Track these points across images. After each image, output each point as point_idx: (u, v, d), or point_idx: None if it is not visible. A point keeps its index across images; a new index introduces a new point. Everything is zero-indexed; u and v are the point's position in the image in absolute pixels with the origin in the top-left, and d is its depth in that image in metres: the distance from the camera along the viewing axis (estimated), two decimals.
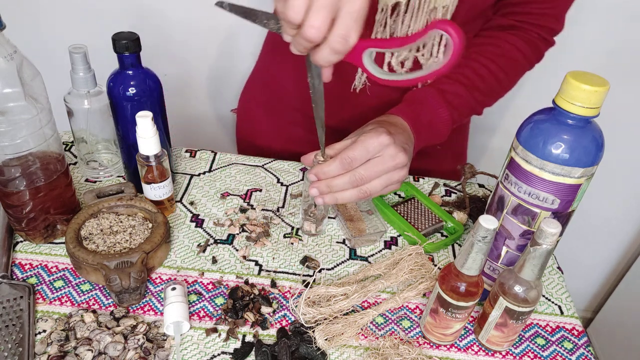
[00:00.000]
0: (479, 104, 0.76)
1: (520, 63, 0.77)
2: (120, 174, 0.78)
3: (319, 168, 0.62)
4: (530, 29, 0.75)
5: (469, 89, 0.73)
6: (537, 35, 0.76)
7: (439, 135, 0.73)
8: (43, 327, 0.56)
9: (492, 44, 0.76)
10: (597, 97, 0.46)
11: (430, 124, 0.71)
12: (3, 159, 0.57)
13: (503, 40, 0.75)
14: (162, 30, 1.12)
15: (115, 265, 0.58)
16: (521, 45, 0.75)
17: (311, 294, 0.60)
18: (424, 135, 0.70)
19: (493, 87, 0.76)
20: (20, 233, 0.65)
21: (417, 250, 0.67)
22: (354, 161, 0.60)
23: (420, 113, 0.70)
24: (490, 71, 0.74)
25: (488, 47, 0.75)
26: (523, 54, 0.76)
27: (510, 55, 0.75)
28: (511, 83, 0.78)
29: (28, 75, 0.55)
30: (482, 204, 0.78)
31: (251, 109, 0.96)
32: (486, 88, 0.75)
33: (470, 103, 0.74)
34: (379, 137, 0.60)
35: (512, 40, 0.75)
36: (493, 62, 0.74)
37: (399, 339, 0.59)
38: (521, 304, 0.53)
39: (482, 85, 0.74)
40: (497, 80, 0.75)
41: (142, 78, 0.66)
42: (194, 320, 0.59)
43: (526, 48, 0.76)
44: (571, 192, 0.50)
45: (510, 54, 0.75)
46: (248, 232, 0.70)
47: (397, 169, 0.62)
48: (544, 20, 0.75)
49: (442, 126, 0.72)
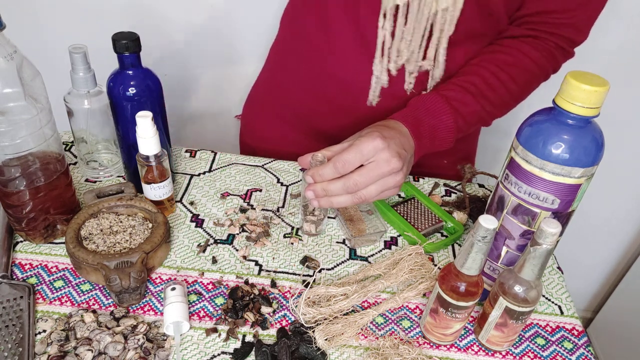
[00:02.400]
0: (488, 114, 0.73)
1: (533, 73, 0.74)
2: (120, 174, 0.78)
3: (314, 170, 0.62)
4: (547, 38, 0.72)
5: (476, 97, 0.71)
6: (554, 45, 0.73)
7: (444, 141, 0.71)
8: (43, 327, 0.56)
9: (504, 52, 0.73)
10: (597, 97, 0.46)
11: (432, 130, 0.69)
12: (3, 159, 0.57)
13: (516, 49, 0.72)
14: (162, 30, 1.12)
15: (115, 265, 0.58)
16: (535, 55, 0.72)
17: (311, 294, 0.60)
18: (426, 140, 0.69)
19: (503, 97, 0.73)
20: (20, 233, 0.65)
21: (417, 250, 0.67)
22: (347, 164, 0.60)
23: (422, 118, 0.69)
24: (501, 81, 0.71)
25: (499, 55, 0.73)
26: (536, 63, 0.73)
27: (523, 65, 0.72)
28: (523, 94, 0.76)
29: (28, 75, 0.55)
30: (482, 204, 0.78)
31: (257, 116, 0.94)
32: (496, 98, 0.72)
33: (477, 111, 0.72)
34: (373, 141, 0.60)
35: (526, 49, 0.72)
36: (504, 71, 0.71)
37: (399, 339, 0.59)
38: (521, 304, 0.53)
39: (491, 94, 0.72)
40: (507, 91, 0.72)
41: (142, 78, 0.66)
42: (194, 320, 0.59)
43: (541, 58, 0.73)
44: (571, 192, 0.50)
45: (523, 63, 0.72)
46: (248, 232, 0.70)
47: (393, 174, 0.62)
48: (562, 30, 0.72)
49: (446, 132, 0.70)
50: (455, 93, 0.71)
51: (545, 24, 0.71)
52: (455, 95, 0.71)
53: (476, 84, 0.71)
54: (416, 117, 0.69)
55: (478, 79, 0.71)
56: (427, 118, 0.69)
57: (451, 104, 0.70)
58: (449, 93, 0.71)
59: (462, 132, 0.72)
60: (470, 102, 0.71)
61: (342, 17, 0.72)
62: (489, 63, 0.72)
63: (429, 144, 0.70)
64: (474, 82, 0.71)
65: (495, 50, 0.74)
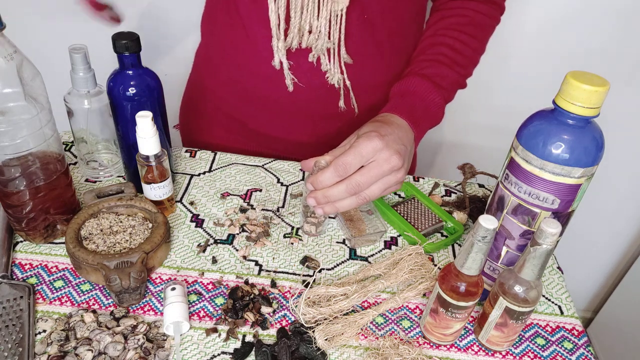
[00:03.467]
0: (462, 77, 0.77)
1: (487, 25, 0.79)
2: (120, 174, 0.78)
3: (314, 177, 0.61)
4: None
5: (450, 66, 0.74)
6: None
7: (436, 119, 0.73)
8: (43, 327, 0.56)
9: (455, 14, 0.77)
10: (597, 97, 0.46)
11: (426, 112, 0.71)
12: (3, 159, 0.57)
13: (465, 8, 0.77)
14: (162, 30, 1.12)
15: (115, 265, 0.58)
16: (482, 8, 0.77)
17: (311, 294, 0.60)
18: (422, 124, 0.70)
19: (471, 57, 0.77)
20: (20, 233, 0.65)
21: (417, 250, 0.67)
22: (348, 167, 0.60)
23: (414, 104, 0.70)
24: (464, 43, 0.75)
25: (453, 19, 0.77)
26: (486, 15, 0.78)
27: (476, 22, 0.77)
28: (484, 46, 0.80)
29: (28, 75, 0.55)
30: (482, 204, 0.78)
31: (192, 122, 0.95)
32: (465, 60, 0.76)
33: (455, 79, 0.75)
34: (371, 141, 0.60)
35: (472, 5, 0.77)
36: (463, 32, 0.76)
37: (399, 339, 0.59)
38: (521, 304, 0.53)
39: (460, 59, 0.75)
40: (472, 50, 0.76)
41: (142, 78, 0.66)
42: (194, 320, 0.59)
43: (487, 8, 0.77)
44: (571, 192, 0.50)
45: (476, 20, 0.77)
46: (248, 232, 0.70)
47: (394, 172, 0.62)
48: None
49: (437, 110, 0.73)
50: (432, 69, 0.73)
51: None
52: (433, 71, 0.73)
53: (445, 53, 0.75)
54: (407, 104, 0.70)
55: (444, 48, 0.75)
56: (418, 102, 0.71)
57: (433, 80, 0.72)
58: (427, 70, 0.73)
59: (447, 103, 0.75)
60: (447, 73, 0.74)
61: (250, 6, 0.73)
62: (448, 29, 0.76)
63: (426, 126, 0.72)
64: (443, 52, 0.75)
65: (446, 15, 0.78)
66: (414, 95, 0.71)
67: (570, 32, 1.09)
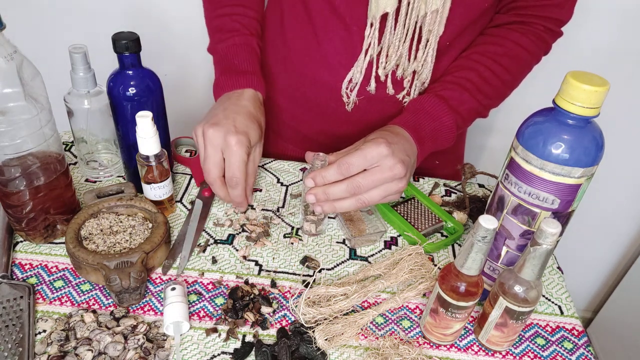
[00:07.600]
0: (485, 107, 0.75)
1: (525, 60, 0.75)
2: (120, 174, 0.78)
3: (316, 172, 0.62)
4: (534, 22, 0.74)
5: (473, 93, 0.72)
6: (542, 28, 0.74)
7: (445, 141, 0.72)
8: (43, 327, 0.56)
9: (494, 43, 0.74)
10: (597, 97, 0.46)
11: (434, 132, 0.70)
12: (3, 159, 0.57)
13: (505, 38, 0.74)
14: (162, 30, 1.12)
15: (115, 265, 0.58)
16: (525, 42, 0.74)
17: (311, 294, 0.60)
18: (427, 143, 0.69)
19: (498, 89, 0.74)
20: (20, 233, 0.65)
21: (417, 250, 0.67)
22: (351, 167, 0.60)
23: (423, 122, 0.69)
24: (495, 73, 0.73)
25: (490, 47, 0.74)
26: (527, 50, 0.74)
27: (514, 54, 0.74)
28: (517, 81, 0.77)
29: (28, 75, 0.55)
30: (482, 204, 0.78)
31: None
32: (491, 91, 0.73)
33: (475, 107, 0.73)
34: (378, 147, 0.60)
35: (515, 37, 0.74)
36: (496, 62, 0.73)
37: (399, 339, 0.59)
38: (521, 304, 0.53)
39: (487, 88, 0.73)
40: (502, 82, 0.74)
41: (142, 78, 0.66)
42: (194, 320, 0.59)
43: (530, 43, 0.74)
44: (571, 192, 0.50)
45: (514, 52, 0.74)
46: (248, 232, 0.70)
47: (396, 180, 0.62)
48: (547, 12, 0.73)
49: (446, 133, 0.71)
50: (452, 92, 0.71)
51: (530, 8, 0.73)
52: (452, 94, 0.71)
53: (471, 79, 0.72)
54: (417, 121, 0.69)
55: (472, 73, 0.72)
56: (428, 121, 0.70)
57: (449, 103, 0.71)
58: (446, 93, 0.71)
59: (461, 128, 0.73)
60: (467, 99, 0.72)
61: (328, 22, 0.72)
62: (482, 56, 0.73)
63: (431, 146, 0.70)
64: (469, 78, 0.72)
65: (485, 41, 0.75)
66: (425, 114, 0.70)
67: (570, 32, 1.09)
